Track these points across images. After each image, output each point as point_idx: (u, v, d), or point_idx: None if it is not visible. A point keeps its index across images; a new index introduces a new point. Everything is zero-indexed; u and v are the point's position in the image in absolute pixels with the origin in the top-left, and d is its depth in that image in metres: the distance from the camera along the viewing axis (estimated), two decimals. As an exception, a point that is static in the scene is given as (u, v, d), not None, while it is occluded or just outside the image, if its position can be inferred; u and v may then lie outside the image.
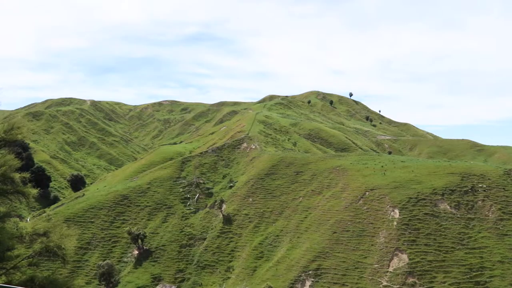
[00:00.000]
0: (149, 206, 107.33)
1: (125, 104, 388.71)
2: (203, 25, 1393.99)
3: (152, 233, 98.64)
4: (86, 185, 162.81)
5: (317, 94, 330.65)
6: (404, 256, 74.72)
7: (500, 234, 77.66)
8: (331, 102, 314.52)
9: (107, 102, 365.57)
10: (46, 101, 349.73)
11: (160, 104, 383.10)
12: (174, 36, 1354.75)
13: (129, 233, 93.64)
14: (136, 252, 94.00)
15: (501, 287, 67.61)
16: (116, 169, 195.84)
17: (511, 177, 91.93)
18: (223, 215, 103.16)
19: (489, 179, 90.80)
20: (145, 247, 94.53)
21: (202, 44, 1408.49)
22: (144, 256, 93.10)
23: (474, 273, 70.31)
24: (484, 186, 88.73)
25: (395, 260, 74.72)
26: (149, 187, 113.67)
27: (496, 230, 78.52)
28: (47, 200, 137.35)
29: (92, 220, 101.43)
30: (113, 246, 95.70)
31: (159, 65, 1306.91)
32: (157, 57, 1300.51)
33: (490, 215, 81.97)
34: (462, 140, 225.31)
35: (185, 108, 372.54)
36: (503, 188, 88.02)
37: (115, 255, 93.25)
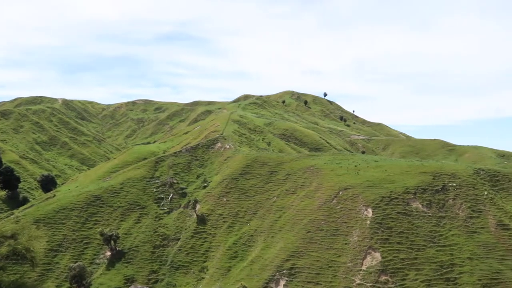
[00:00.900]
0: (122, 206, 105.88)
1: (98, 103, 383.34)
2: (178, 24, 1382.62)
3: (125, 234, 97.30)
4: (57, 185, 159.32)
5: (291, 94, 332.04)
6: (377, 255, 75.68)
7: (469, 232, 79.47)
8: (306, 102, 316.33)
9: (79, 101, 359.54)
10: (16, 99, 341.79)
11: (133, 103, 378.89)
12: (149, 35, 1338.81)
13: (102, 234, 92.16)
14: (108, 253, 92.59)
15: (469, 283, 69.19)
16: (89, 169, 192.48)
17: (480, 176, 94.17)
18: (197, 215, 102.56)
19: (459, 178, 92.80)
20: (118, 248, 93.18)
21: (177, 44, 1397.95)
22: (117, 257, 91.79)
23: (445, 270, 71.77)
24: (455, 185, 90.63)
25: (368, 258, 75.60)
26: (122, 187, 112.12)
27: (465, 228, 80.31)
28: (15, 201, 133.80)
29: (63, 222, 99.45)
30: (85, 248, 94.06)
31: (133, 64, 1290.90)
32: (131, 56, 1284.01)
33: (460, 213, 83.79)
34: (434, 140, 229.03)
35: (159, 107, 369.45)
36: (473, 187, 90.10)
37: (87, 257, 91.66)
